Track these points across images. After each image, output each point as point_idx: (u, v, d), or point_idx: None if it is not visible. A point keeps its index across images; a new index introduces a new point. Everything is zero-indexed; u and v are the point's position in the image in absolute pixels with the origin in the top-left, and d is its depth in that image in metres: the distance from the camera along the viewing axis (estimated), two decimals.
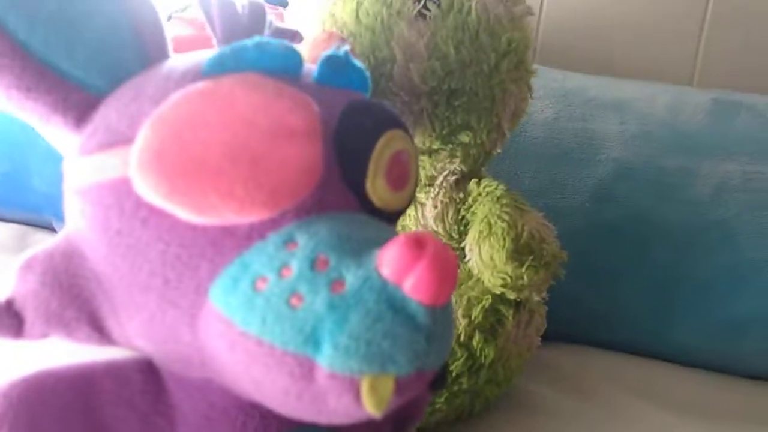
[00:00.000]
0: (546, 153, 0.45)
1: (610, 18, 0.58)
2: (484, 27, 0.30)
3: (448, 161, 0.33)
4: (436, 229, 0.33)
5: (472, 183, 0.33)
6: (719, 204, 0.43)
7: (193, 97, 0.15)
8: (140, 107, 0.15)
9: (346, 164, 0.16)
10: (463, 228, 0.33)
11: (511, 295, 0.30)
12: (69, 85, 0.16)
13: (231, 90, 0.15)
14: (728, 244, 0.42)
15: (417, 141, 0.32)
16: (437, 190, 0.33)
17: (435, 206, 0.33)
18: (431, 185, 0.33)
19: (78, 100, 0.16)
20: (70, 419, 0.16)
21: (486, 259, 0.29)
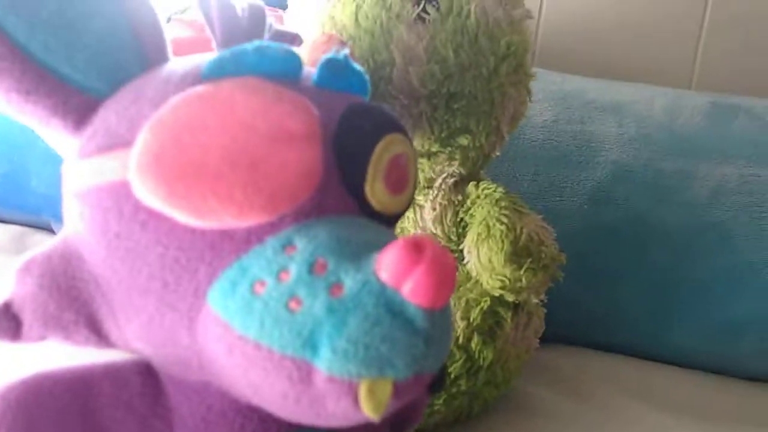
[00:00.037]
0: (545, 155, 0.45)
1: (609, 21, 0.58)
2: (483, 30, 0.30)
3: (447, 164, 0.33)
4: (435, 232, 0.33)
5: (471, 185, 0.33)
6: (717, 206, 0.43)
7: (193, 101, 0.15)
8: (140, 110, 0.15)
9: (346, 168, 0.16)
10: (462, 230, 0.33)
11: (510, 298, 0.30)
12: (68, 88, 0.16)
13: (230, 94, 0.15)
14: (726, 247, 0.42)
15: (416, 144, 0.32)
16: (436, 193, 0.33)
17: (434, 208, 0.33)
18: (430, 188, 0.33)
19: (77, 103, 0.16)
20: (68, 422, 0.16)
21: (484, 262, 0.30)
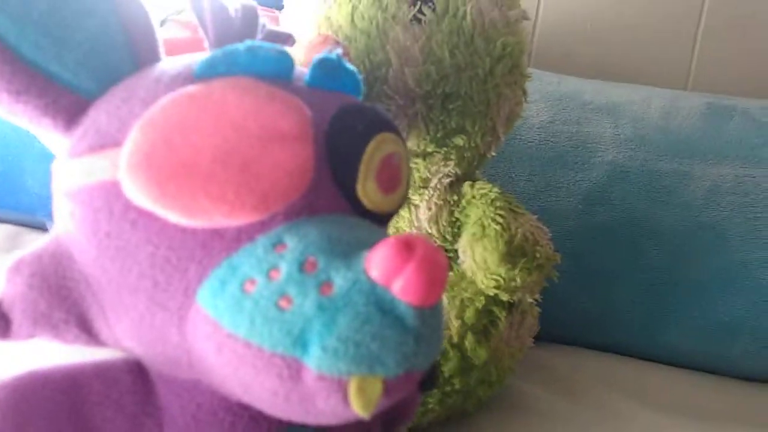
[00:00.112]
0: (541, 156, 0.45)
1: (606, 22, 0.59)
2: (479, 31, 0.30)
3: (443, 164, 0.33)
4: (430, 231, 0.33)
5: (466, 185, 0.33)
6: (712, 207, 0.43)
7: (184, 101, 0.15)
8: (131, 110, 0.15)
9: (337, 167, 0.16)
10: (457, 230, 0.33)
11: (504, 297, 0.31)
12: (59, 88, 0.16)
13: (222, 94, 0.15)
14: (721, 247, 0.43)
15: (411, 144, 0.32)
16: (431, 193, 0.33)
17: (429, 208, 0.33)
18: (425, 187, 0.33)
19: (68, 103, 0.16)
20: (58, 420, 0.16)
21: (479, 261, 0.30)
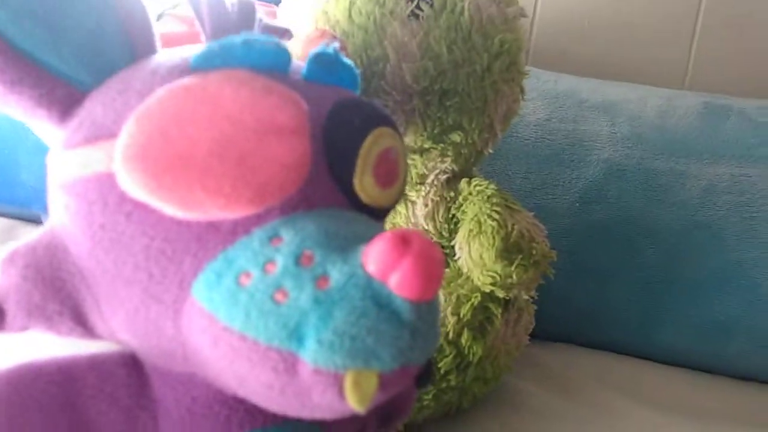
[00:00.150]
0: (537, 154, 0.45)
1: (603, 21, 0.59)
2: (477, 28, 0.30)
3: (440, 160, 0.33)
4: (427, 228, 0.33)
5: (463, 182, 0.33)
6: (708, 206, 0.44)
7: (180, 93, 0.14)
8: (126, 102, 0.15)
9: (334, 161, 0.16)
10: (454, 226, 0.33)
11: (500, 294, 0.31)
12: (54, 79, 0.15)
13: (219, 86, 0.15)
14: (716, 246, 0.43)
15: (409, 140, 0.32)
16: (428, 189, 0.33)
17: (426, 204, 0.33)
18: (422, 184, 0.33)
19: (63, 95, 0.16)
20: (52, 413, 0.16)
21: (475, 258, 0.30)
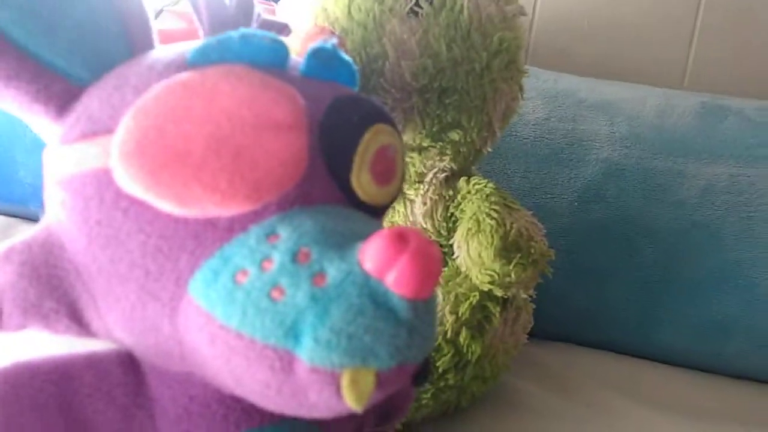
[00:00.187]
0: (536, 153, 0.45)
1: (603, 21, 0.59)
2: (476, 26, 0.30)
3: (438, 159, 0.33)
4: (425, 226, 0.33)
5: (462, 181, 0.33)
6: (706, 206, 0.44)
7: (177, 88, 0.14)
8: (123, 97, 0.15)
9: (332, 158, 0.16)
10: (452, 225, 0.33)
11: (499, 293, 0.31)
12: (51, 74, 0.15)
13: (216, 81, 0.14)
14: (715, 246, 0.43)
15: (407, 138, 0.32)
16: (427, 187, 0.33)
17: (424, 203, 0.33)
18: (421, 182, 0.33)
19: (60, 90, 0.15)
20: (49, 412, 0.15)
21: (474, 256, 0.30)
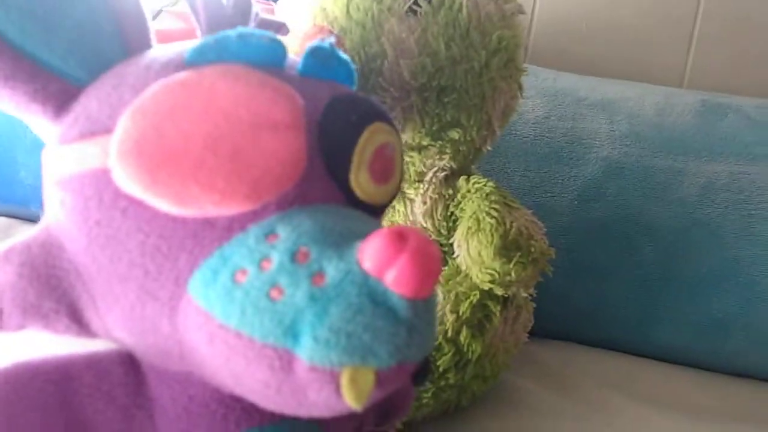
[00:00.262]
0: (536, 151, 0.45)
1: (602, 22, 0.59)
2: (475, 24, 0.30)
3: (438, 158, 0.33)
4: (425, 225, 0.33)
5: (462, 180, 0.33)
6: (706, 204, 0.44)
7: (175, 88, 0.14)
8: (121, 97, 0.15)
9: (330, 157, 0.16)
10: (452, 224, 0.33)
11: (499, 291, 0.31)
12: (48, 75, 0.15)
13: (213, 81, 0.14)
14: (715, 244, 0.43)
15: (407, 137, 0.32)
16: (426, 186, 0.33)
17: (424, 202, 0.33)
18: (420, 181, 0.33)
19: (57, 90, 0.15)
20: (49, 412, 0.16)
21: (474, 255, 0.30)
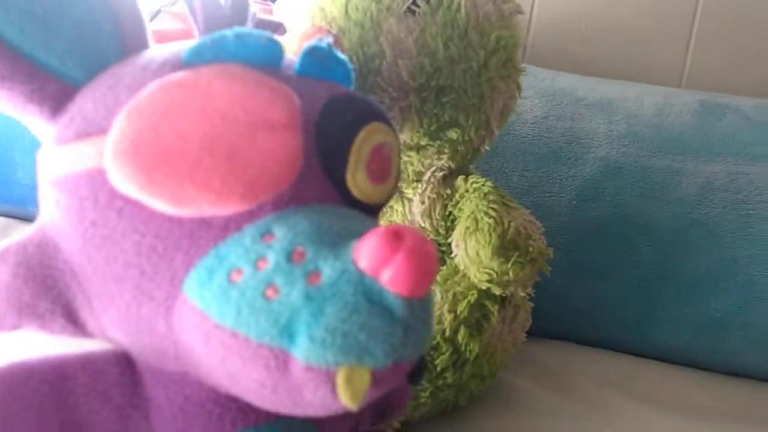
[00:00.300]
0: (534, 151, 0.45)
1: (601, 22, 0.59)
2: (473, 24, 0.30)
3: (436, 157, 0.33)
4: (423, 225, 0.33)
5: (460, 179, 0.33)
6: (705, 204, 0.44)
7: (171, 88, 0.14)
8: (117, 97, 0.15)
9: (327, 157, 0.16)
10: (450, 224, 0.33)
11: (497, 291, 0.31)
12: (45, 75, 0.15)
13: (210, 81, 0.14)
14: (713, 243, 0.43)
15: (405, 137, 0.32)
16: (425, 186, 0.33)
17: (422, 202, 0.33)
18: (419, 181, 0.33)
19: (54, 90, 0.15)
20: (44, 412, 0.15)
21: (472, 255, 0.30)
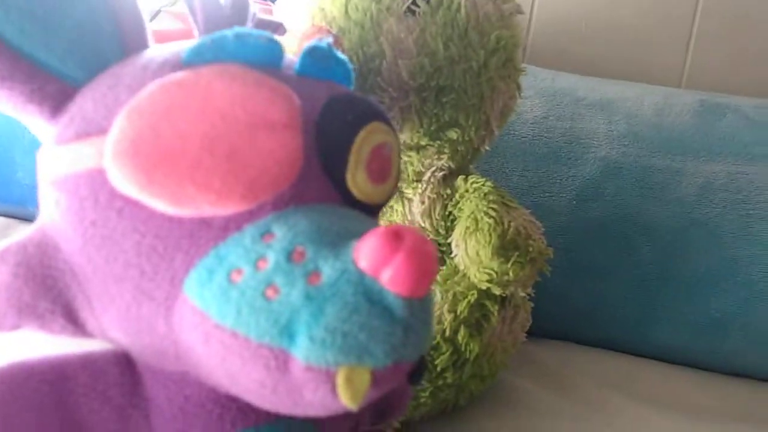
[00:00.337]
0: (535, 151, 0.45)
1: (601, 23, 0.59)
2: (473, 24, 0.30)
3: (436, 157, 0.33)
4: (423, 225, 0.33)
5: (460, 179, 0.33)
6: (705, 203, 0.44)
7: (171, 88, 0.14)
8: (117, 97, 0.15)
9: (327, 157, 0.16)
10: (450, 224, 0.33)
11: (497, 291, 0.31)
12: (45, 75, 0.15)
13: (210, 81, 0.14)
14: (713, 243, 0.43)
15: (405, 137, 0.32)
16: (425, 186, 0.33)
17: (422, 202, 0.33)
18: (419, 181, 0.33)
19: (54, 90, 0.15)
20: (44, 412, 0.15)
21: (472, 255, 0.30)
